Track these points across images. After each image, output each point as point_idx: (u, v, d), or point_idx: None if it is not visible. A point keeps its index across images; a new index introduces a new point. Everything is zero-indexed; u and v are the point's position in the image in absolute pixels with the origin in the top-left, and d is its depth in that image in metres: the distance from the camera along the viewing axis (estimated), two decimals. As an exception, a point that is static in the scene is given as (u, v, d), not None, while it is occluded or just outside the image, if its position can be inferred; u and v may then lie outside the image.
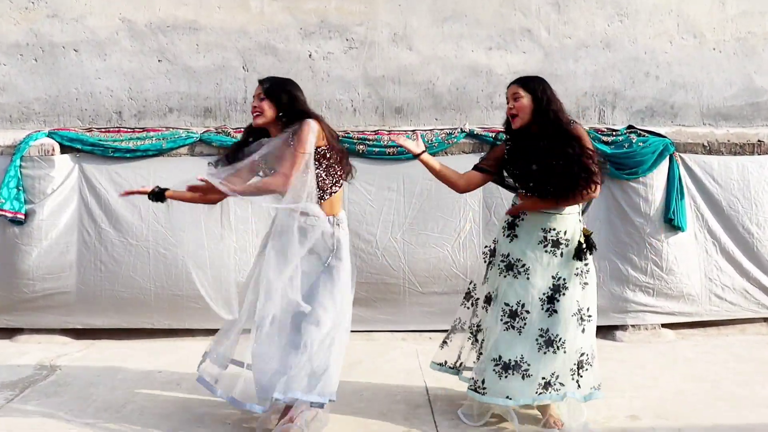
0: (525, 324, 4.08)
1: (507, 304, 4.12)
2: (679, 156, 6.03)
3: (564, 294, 4.07)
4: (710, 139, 6.15)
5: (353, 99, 6.31)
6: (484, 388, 4.10)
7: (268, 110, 4.02)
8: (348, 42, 6.28)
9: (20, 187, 5.83)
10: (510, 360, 4.06)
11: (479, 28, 6.30)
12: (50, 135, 5.95)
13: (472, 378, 4.23)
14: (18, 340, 5.91)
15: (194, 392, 4.70)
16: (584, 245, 4.08)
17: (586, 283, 4.13)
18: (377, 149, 5.91)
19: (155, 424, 4.26)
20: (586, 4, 6.33)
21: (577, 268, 4.11)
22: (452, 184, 4.30)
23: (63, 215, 5.92)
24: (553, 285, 4.09)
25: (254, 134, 4.14)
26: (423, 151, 4.27)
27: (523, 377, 4.05)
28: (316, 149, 3.95)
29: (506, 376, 4.06)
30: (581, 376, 4.11)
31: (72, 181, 5.94)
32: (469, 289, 4.54)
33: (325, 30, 6.27)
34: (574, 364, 4.10)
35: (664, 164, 5.98)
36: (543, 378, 4.07)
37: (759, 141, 6.18)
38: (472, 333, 4.40)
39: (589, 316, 4.12)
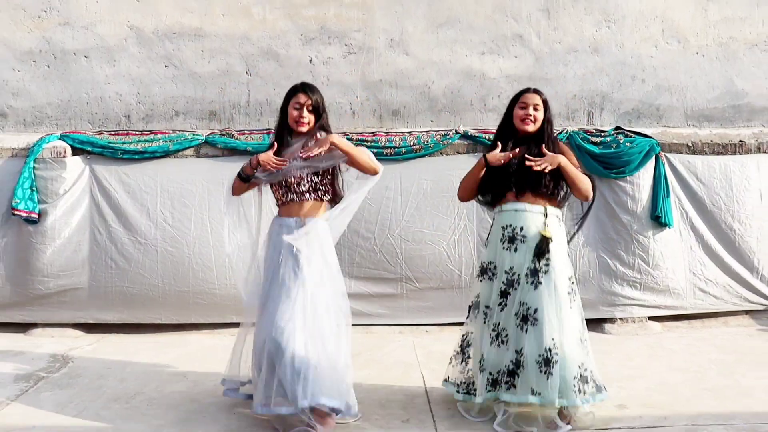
0: (492, 323, 4.09)
1: (487, 306, 4.15)
2: (665, 156, 6.02)
3: (515, 289, 4.04)
4: (694, 140, 6.15)
5: (352, 102, 6.30)
6: (474, 389, 4.15)
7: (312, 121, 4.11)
8: (347, 47, 6.27)
9: (34, 188, 5.83)
10: (481, 358, 4.09)
11: (472, 34, 6.30)
12: (62, 138, 5.95)
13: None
14: (32, 334, 5.90)
15: (200, 384, 4.70)
16: (537, 248, 4.03)
17: (539, 283, 4.00)
18: (375, 150, 5.86)
19: (163, 414, 4.25)
20: (575, 11, 6.33)
21: (528, 269, 4.02)
22: None
23: (75, 215, 5.92)
24: (507, 280, 4.07)
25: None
26: None
27: (480, 371, 4.07)
28: None
29: (479, 375, 4.09)
30: (518, 376, 3.97)
31: (83, 182, 5.93)
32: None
33: (324, 36, 6.26)
34: (511, 362, 3.99)
35: (651, 164, 5.97)
36: (490, 374, 4.03)
37: (740, 141, 6.18)
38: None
39: (535, 318, 3.96)
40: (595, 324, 5.97)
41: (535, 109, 4.13)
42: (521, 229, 4.09)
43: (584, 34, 6.34)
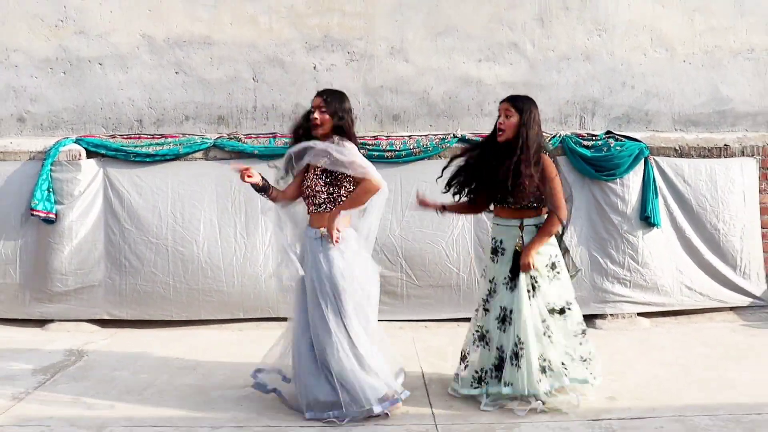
0: (479, 323, 4.33)
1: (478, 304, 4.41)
2: (653, 159, 6.03)
3: (494, 295, 4.23)
4: (681, 144, 6.16)
5: (354, 107, 6.27)
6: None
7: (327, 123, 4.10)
8: (349, 55, 6.28)
9: (51, 189, 5.84)
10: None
11: (470, 42, 6.30)
12: (77, 141, 5.96)
13: None
14: (48, 329, 5.91)
15: (209, 377, 4.72)
16: (513, 261, 4.15)
17: (515, 286, 4.13)
18: (376, 153, 5.90)
19: (174, 405, 4.26)
20: (568, 20, 6.33)
21: (505, 277, 4.19)
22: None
23: (90, 215, 5.93)
24: (489, 288, 4.26)
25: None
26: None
27: (465, 368, 4.33)
28: None
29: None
30: (500, 371, 4.14)
31: (97, 184, 5.95)
32: None
33: (328, 44, 6.26)
34: (495, 358, 4.17)
35: (640, 166, 5.98)
36: (476, 371, 4.24)
37: (725, 145, 6.19)
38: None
39: (511, 318, 4.12)
40: (586, 320, 5.83)
41: (506, 116, 4.10)
42: (501, 242, 4.23)
43: (576, 43, 6.35)
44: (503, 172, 4.01)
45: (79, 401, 4.33)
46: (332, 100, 4.11)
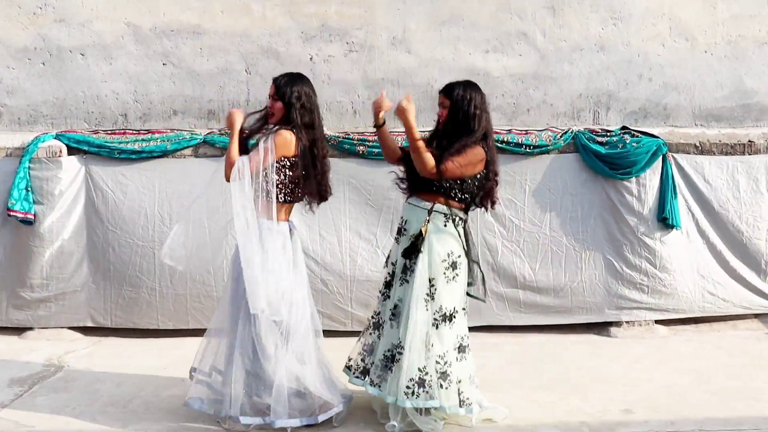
0: (377, 310, 4.37)
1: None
2: (672, 156, 6.01)
3: (392, 285, 4.23)
4: (702, 140, 6.15)
5: (353, 101, 6.31)
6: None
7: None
8: (348, 45, 6.27)
9: (29, 188, 5.82)
10: None
11: (476, 32, 6.30)
12: (58, 137, 5.94)
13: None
14: (27, 337, 5.90)
15: (198, 388, 4.71)
16: (410, 244, 4.12)
17: (406, 281, 4.12)
18: (377, 150, 5.89)
19: (160, 418, 4.27)
20: (581, 8, 6.32)
21: (402, 264, 4.16)
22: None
23: (71, 216, 5.92)
24: (391, 271, 4.25)
25: None
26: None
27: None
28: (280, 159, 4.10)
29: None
30: (390, 371, 4.07)
31: (79, 183, 5.94)
32: None
33: (325, 34, 6.26)
34: (383, 356, 4.13)
35: (657, 164, 5.96)
36: (363, 360, 4.29)
37: (749, 141, 6.17)
38: None
39: (397, 314, 4.12)
40: (600, 327, 5.99)
41: (442, 107, 4.25)
42: (405, 222, 4.24)
43: (590, 32, 6.34)
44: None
45: (60, 414, 4.33)
46: (284, 85, 4.19)
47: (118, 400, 4.54)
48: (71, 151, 5.93)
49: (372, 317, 4.35)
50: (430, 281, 4.07)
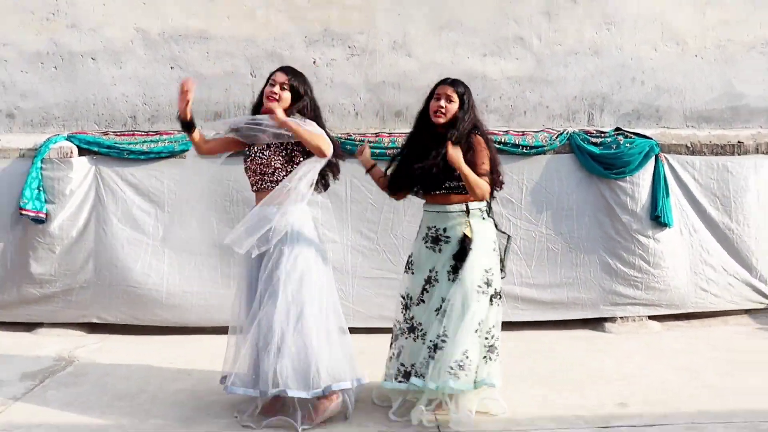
0: (409, 313, 4.17)
1: (402, 297, 4.21)
2: (664, 156, 5.97)
3: (433, 286, 4.08)
4: (693, 141, 6.10)
5: (355, 103, 6.26)
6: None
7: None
8: (350, 49, 6.22)
9: (41, 188, 5.79)
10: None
11: (474, 36, 6.25)
12: (69, 138, 5.90)
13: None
14: (38, 333, 5.85)
15: (204, 382, 4.66)
16: (459, 247, 4.04)
17: (455, 280, 4.03)
18: (378, 151, 5.81)
19: (167, 411, 4.22)
20: (575, 14, 6.28)
21: (450, 266, 4.05)
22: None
23: (81, 215, 5.87)
24: (427, 277, 4.11)
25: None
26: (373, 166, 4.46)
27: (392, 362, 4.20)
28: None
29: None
30: (432, 359, 3.98)
31: (89, 182, 5.89)
32: None
33: (328, 38, 6.21)
34: (428, 348, 4.02)
35: (650, 164, 5.92)
36: (402, 364, 4.11)
37: (739, 142, 6.13)
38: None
39: (445, 309, 4.00)
40: (595, 323, 5.94)
41: (448, 101, 4.09)
42: (444, 230, 4.11)
43: (584, 37, 6.29)
44: (434, 157, 4.02)
45: (70, 408, 4.28)
46: (296, 79, 4.11)
47: (127, 394, 4.49)
48: (82, 152, 5.89)
49: (401, 322, 4.21)
50: (486, 270, 4.03)
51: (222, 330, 5.84)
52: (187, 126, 4.12)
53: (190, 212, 5.88)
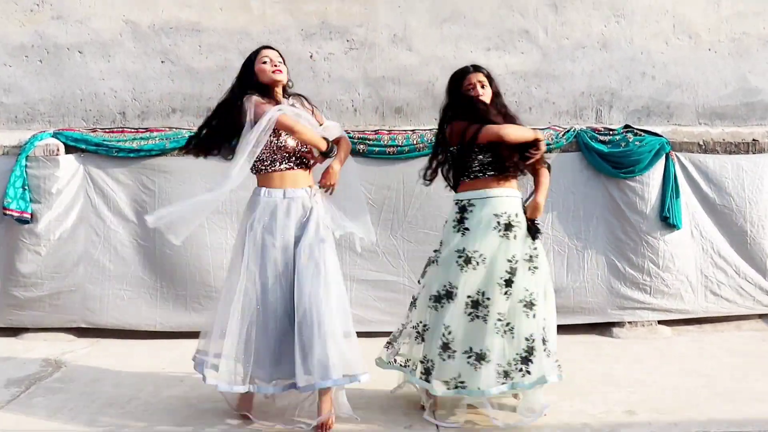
0: (488, 312, 4.08)
1: (469, 296, 4.11)
2: (675, 155, 6.01)
3: (516, 277, 4.11)
4: (706, 138, 6.14)
5: (354, 99, 6.31)
6: (462, 383, 4.08)
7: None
8: (348, 43, 6.27)
9: (26, 187, 5.82)
10: (481, 350, 4.06)
11: (477, 29, 6.30)
12: (55, 135, 5.94)
13: (426, 368, 4.18)
14: (24, 338, 5.90)
15: (197, 389, 4.69)
16: (532, 230, 4.19)
17: (536, 267, 4.18)
18: (377, 149, 5.90)
19: (159, 419, 4.26)
20: (583, 6, 6.33)
21: (526, 253, 4.15)
22: None
23: (69, 215, 5.91)
24: (510, 268, 4.10)
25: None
26: None
27: (489, 365, 4.08)
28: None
29: (479, 367, 4.05)
30: (531, 362, 4.06)
31: (77, 181, 5.93)
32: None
33: (325, 31, 6.26)
34: (523, 350, 4.08)
35: (660, 163, 5.96)
36: (499, 365, 4.08)
37: (754, 140, 6.16)
38: (418, 333, 4.28)
39: (533, 303, 4.11)
40: (603, 328, 5.99)
41: (482, 87, 4.32)
42: (516, 216, 4.17)
43: (593, 30, 6.34)
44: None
45: (57, 415, 4.32)
46: (278, 50, 4.28)
47: (117, 401, 4.53)
48: (69, 149, 5.92)
49: (498, 320, 4.11)
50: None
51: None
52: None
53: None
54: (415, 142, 5.95)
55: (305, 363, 3.93)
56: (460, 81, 4.36)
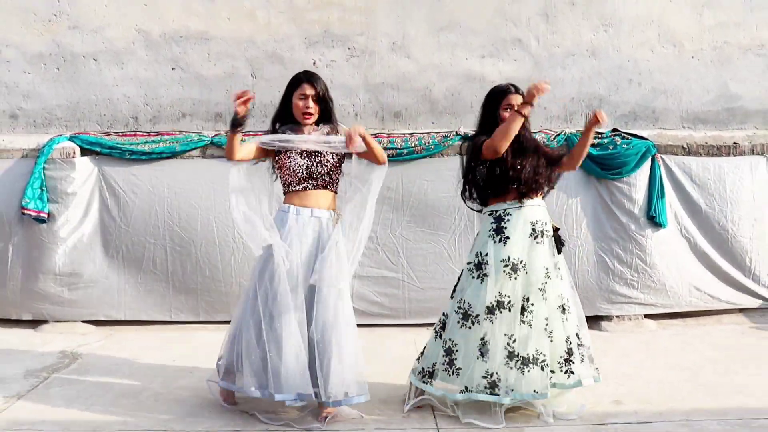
0: (533, 317, 4.02)
1: (519, 303, 4.03)
2: (661, 157, 6.03)
3: (549, 282, 4.09)
4: (689, 142, 6.15)
5: (355, 104, 6.31)
6: (510, 389, 3.98)
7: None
8: (350, 51, 6.27)
9: (44, 188, 5.84)
10: (529, 354, 3.98)
11: (473, 38, 6.29)
12: (71, 139, 5.95)
13: (490, 382, 4.00)
14: (42, 331, 5.90)
15: (205, 380, 4.69)
16: (557, 240, 4.20)
17: (562, 276, 4.20)
18: (377, 152, 5.89)
19: (169, 409, 4.25)
20: (573, 16, 6.32)
21: (554, 261, 4.17)
22: None
23: (85, 214, 5.93)
24: (545, 274, 4.08)
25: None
26: None
27: (542, 368, 3.98)
28: None
29: (528, 371, 3.97)
30: (573, 362, 4.09)
31: (92, 182, 5.94)
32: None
33: (328, 40, 6.26)
34: (565, 351, 4.10)
35: (647, 165, 5.98)
36: (547, 365, 4.03)
37: (734, 143, 6.18)
38: (478, 350, 4.06)
39: (568, 308, 4.15)
40: (591, 321, 5.94)
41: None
42: (545, 224, 4.17)
43: (582, 39, 6.34)
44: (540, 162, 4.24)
45: (73, 405, 4.32)
46: (319, 85, 4.10)
47: (130, 391, 4.53)
48: (84, 152, 5.94)
49: (546, 325, 4.07)
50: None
51: (224, 324, 5.95)
52: (238, 124, 3.98)
53: (192, 212, 5.93)
54: (413, 145, 5.96)
55: (322, 380, 3.94)
56: (499, 100, 4.23)
